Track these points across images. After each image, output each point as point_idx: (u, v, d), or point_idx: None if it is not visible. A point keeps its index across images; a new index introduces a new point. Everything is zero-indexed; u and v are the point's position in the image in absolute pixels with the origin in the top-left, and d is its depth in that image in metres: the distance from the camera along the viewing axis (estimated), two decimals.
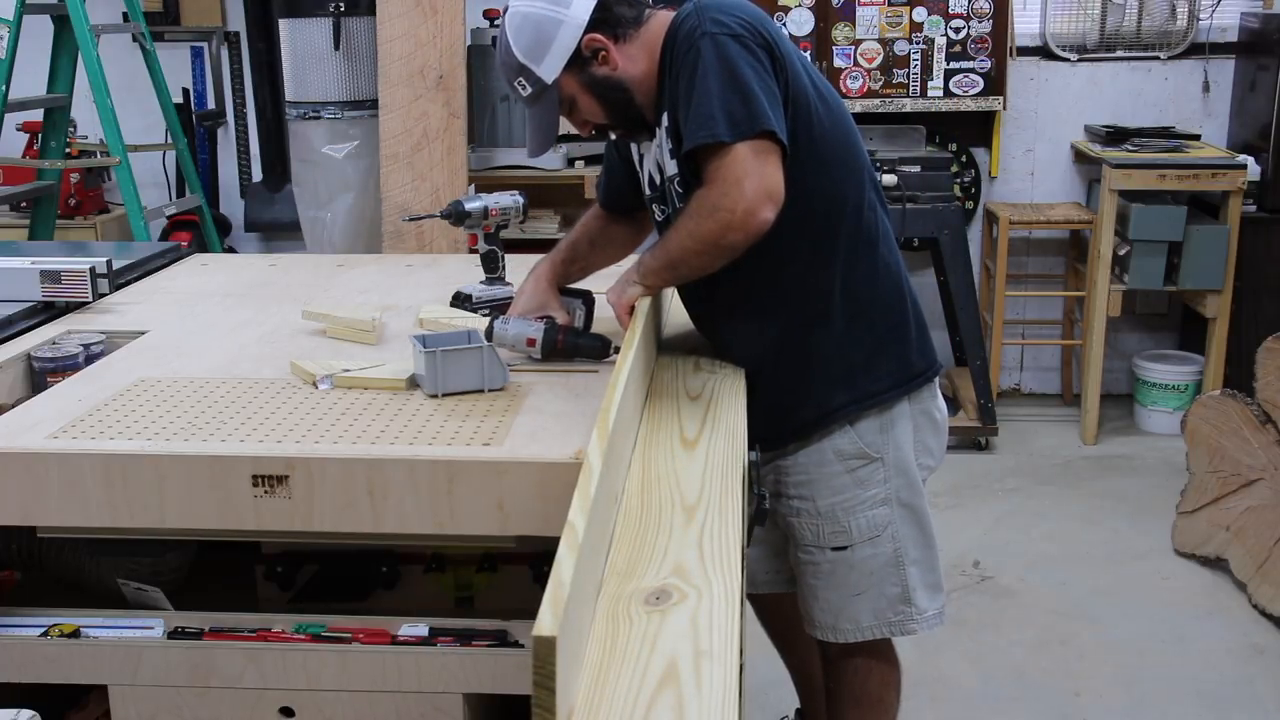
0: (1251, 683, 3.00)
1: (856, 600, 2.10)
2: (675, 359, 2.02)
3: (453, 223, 2.28)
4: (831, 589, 2.11)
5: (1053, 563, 3.62)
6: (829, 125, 1.93)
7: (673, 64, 1.85)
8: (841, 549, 2.08)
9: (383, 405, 1.75)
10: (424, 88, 3.91)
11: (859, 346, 2.01)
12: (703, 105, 1.78)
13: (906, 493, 2.07)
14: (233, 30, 5.01)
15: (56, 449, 1.59)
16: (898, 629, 2.13)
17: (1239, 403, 3.43)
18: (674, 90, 1.85)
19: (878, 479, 2.05)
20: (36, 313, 2.24)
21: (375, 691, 1.66)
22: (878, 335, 2.02)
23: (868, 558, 2.07)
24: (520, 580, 1.86)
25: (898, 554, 2.08)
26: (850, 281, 1.98)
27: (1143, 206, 4.31)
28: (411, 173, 3.94)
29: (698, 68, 1.79)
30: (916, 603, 2.11)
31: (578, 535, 1.13)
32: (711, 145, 1.77)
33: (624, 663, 1.10)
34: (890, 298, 2.04)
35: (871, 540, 2.07)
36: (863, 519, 2.06)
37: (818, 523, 2.08)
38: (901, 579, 2.10)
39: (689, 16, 1.84)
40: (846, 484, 2.05)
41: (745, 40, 1.80)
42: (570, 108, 1.95)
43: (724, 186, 1.77)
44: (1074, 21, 4.76)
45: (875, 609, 2.11)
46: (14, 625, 1.73)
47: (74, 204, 4.80)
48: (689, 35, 1.81)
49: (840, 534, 2.07)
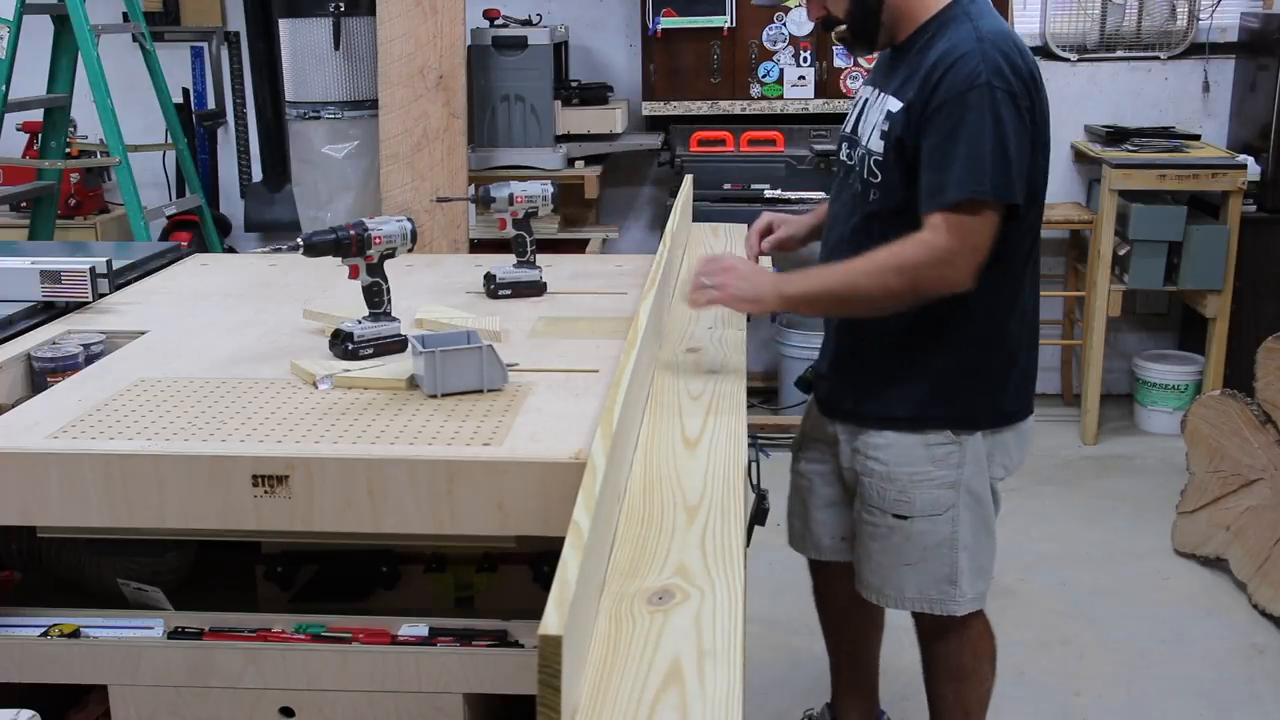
0: (1251, 683, 3.00)
1: (905, 570, 2.16)
2: (677, 359, 2.02)
3: (480, 208, 2.36)
4: (885, 553, 2.17)
5: (1053, 563, 3.62)
6: (1044, 174, 2.04)
7: (936, 81, 1.90)
8: (902, 518, 2.13)
9: (383, 405, 1.75)
10: (424, 88, 3.91)
11: (975, 374, 2.08)
12: (971, 159, 1.85)
13: (975, 481, 2.12)
14: (233, 30, 5.01)
15: (56, 449, 1.59)
16: (939, 607, 2.18)
17: (1239, 403, 3.43)
18: (924, 106, 1.90)
19: (951, 461, 2.10)
20: (36, 313, 2.24)
21: (375, 691, 1.66)
22: (995, 367, 2.10)
23: (924, 532, 2.13)
24: (520, 580, 1.86)
25: (954, 536, 2.13)
26: (998, 313, 2.07)
27: (1143, 206, 4.31)
28: (411, 173, 3.94)
29: (967, 117, 1.86)
30: (961, 585, 2.16)
31: (583, 535, 1.13)
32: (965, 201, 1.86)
33: (627, 662, 1.10)
34: (1023, 336, 2.13)
35: (932, 517, 2.12)
36: (928, 495, 2.11)
37: (886, 486, 2.13)
38: (952, 560, 2.14)
39: (971, 52, 1.89)
40: (921, 458, 2.10)
41: (1019, 101, 1.88)
42: None
43: (954, 252, 1.87)
44: (1074, 21, 4.76)
45: (920, 583, 2.16)
46: (14, 625, 1.73)
47: (74, 204, 4.80)
48: (969, 76, 1.87)
49: (904, 503, 2.12)
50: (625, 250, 4.64)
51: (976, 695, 2.34)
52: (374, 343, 1.96)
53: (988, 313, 2.05)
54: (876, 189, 2.04)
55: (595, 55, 4.87)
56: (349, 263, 1.97)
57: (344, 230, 1.93)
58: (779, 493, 2.36)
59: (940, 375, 2.08)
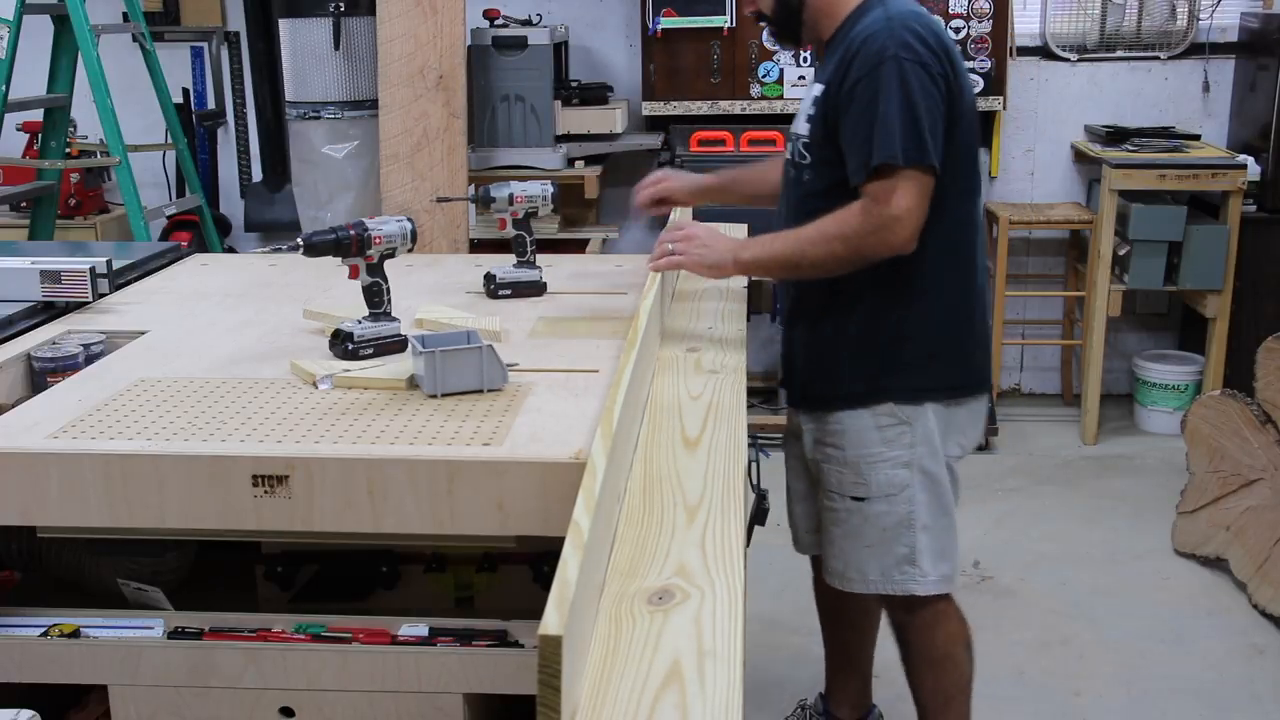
0: (1251, 683, 3.00)
1: (867, 553, 2.22)
2: (677, 359, 2.02)
3: (480, 207, 2.37)
4: (846, 537, 2.24)
5: (1053, 563, 3.62)
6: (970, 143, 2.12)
7: (849, 60, 2.02)
8: (860, 500, 2.20)
9: (383, 405, 1.75)
10: (424, 88, 3.91)
11: (926, 344, 2.16)
12: (884, 127, 1.96)
13: (929, 461, 2.18)
14: (233, 30, 5.01)
15: (56, 449, 1.59)
16: (900, 588, 2.22)
17: (1239, 403, 3.43)
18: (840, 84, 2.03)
19: (904, 442, 2.16)
20: (36, 313, 2.24)
21: (375, 691, 1.66)
22: (944, 338, 2.17)
23: (882, 513, 2.19)
24: (520, 580, 1.86)
25: (910, 516, 2.18)
26: (939, 285, 2.14)
27: (1143, 206, 4.31)
28: (411, 173, 3.94)
29: (880, 89, 1.97)
30: (921, 565, 2.21)
31: (583, 535, 1.13)
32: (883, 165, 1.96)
33: (627, 662, 1.10)
34: (967, 309, 2.19)
35: (888, 498, 2.18)
36: (883, 476, 2.17)
37: (843, 471, 2.21)
38: (911, 541, 2.19)
39: (879, 31, 2.01)
40: (874, 440, 2.17)
41: (929, 69, 1.99)
42: None
43: (889, 216, 1.97)
44: (1074, 21, 4.76)
45: (882, 565, 2.21)
46: (14, 625, 1.73)
47: (74, 204, 4.79)
48: (877, 52, 1.98)
49: (860, 485, 2.19)
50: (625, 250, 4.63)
51: (954, 681, 2.37)
52: (374, 343, 1.96)
53: (929, 288, 2.14)
54: (808, 170, 2.17)
55: (595, 55, 4.87)
56: (349, 263, 1.96)
57: (344, 230, 1.93)
58: (779, 493, 2.37)
59: (889, 350, 2.16)
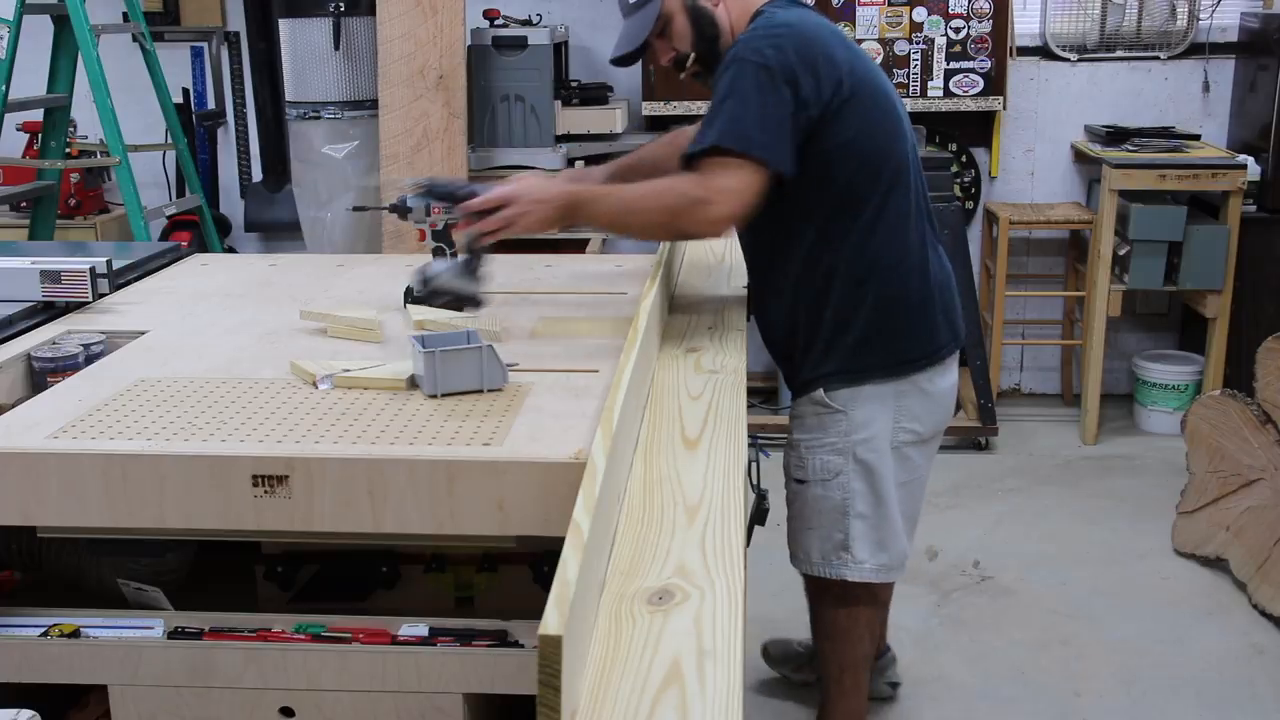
0: (1251, 683, 3.00)
1: (808, 534, 2.34)
2: (676, 359, 2.02)
3: (399, 217, 2.28)
4: (793, 518, 2.37)
5: (1053, 563, 3.62)
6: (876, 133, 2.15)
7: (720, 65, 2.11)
8: (801, 482, 2.32)
9: (383, 405, 1.75)
10: (424, 88, 3.91)
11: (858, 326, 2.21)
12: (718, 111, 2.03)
13: (864, 450, 2.25)
14: (233, 30, 5.01)
15: (56, 449, 1.59)
16: (834, 571, 2.33)
17: (1239, 403, 3.43)
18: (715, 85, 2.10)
19: (839, 429, 2.25)
20: (36, 313, 2.24)
21: (375, 691, 1.65)
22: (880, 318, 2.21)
23: (819, 497, 2.30)
24: (520, 580, 1.86)
25: (845, 503, 2.28)
26: (854, 267, 2.18)
27: (1143, 206, 4.31)
28: (411, 173, 3.93)
29: (728, 85, 2.04)
30: (854, 552, 2.30)
31: (583, 535, 1.13)
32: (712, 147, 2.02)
33: (627, 662, 1.10)
34: (902, 281, 2.21)
35: (823, 482, 2.28)
36: (818, 459, 2.28)
37: (790, 453, 2.34)
38: (845, 528, 2.29)
39: (743, 38, 2.11)
40: (813, 425, 2.29)
41: (772, 72, 2.03)
42: (664, 27, 2.22)
43: (711, 189, 2.02)
44: (1074, 21, 4.76)
45: (821, 548, 2.33)
46: (14, 625, 1.73)
47: (74, 204, 4.79)
48: (733, 55, 2.07)
49: (800, 468, 2.31)
50: (625, 250, 4.63)
51: (850, 655, 2.49)
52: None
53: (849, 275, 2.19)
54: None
55: (595, 55, 4.87)
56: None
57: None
58: (779, 493, 2.37)
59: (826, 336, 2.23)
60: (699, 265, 2.71)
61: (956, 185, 4.75)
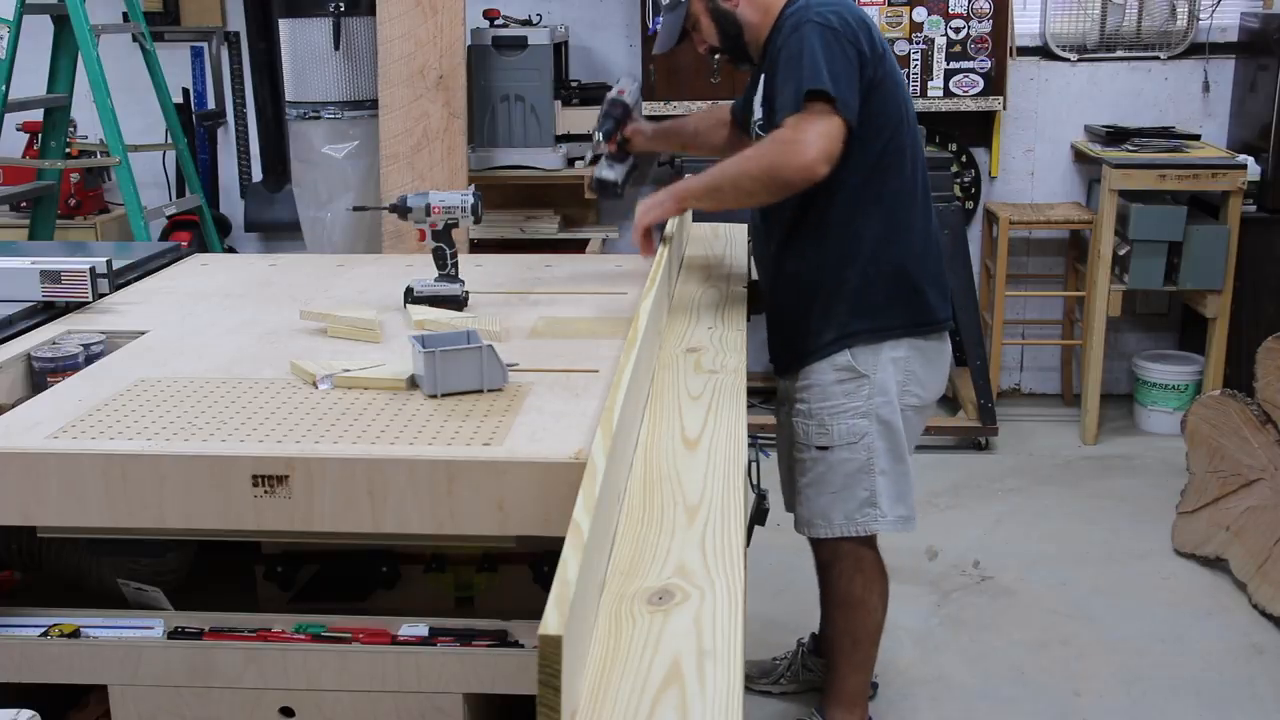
0: (1251, 683, 3.00)
1: (832, 499, 2.42)
2: (676, 359, 2.02)
3: (399, 217, 2.31)
4: (812, 485, 2.44)
5: (1053, 563, 3.62)
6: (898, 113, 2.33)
7: (780, 40, 2.27)
8: (824, 449, 2.40)
9: (383, 405, 1.75)
10: (424, 88, 3.91)
11: (881, 287, 2.36)
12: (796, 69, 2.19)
13: (885, 410, 2.38)
14: (233, 30, 5.01)
15: (56, 449, 1.59)
16: (863, 528, 2.43)
17: (1239, 403, 3.43)
18: (774, 60, 2.28)
19: (862, 394, 2.37)
20: (36, 313, 2.24)
21: (375, 691, 1.66)
22: (899, 281, 2.37)
23: (844, 460, 2.39)
24: (520, 580, 1.86)
25: (870, 462, 2.39)
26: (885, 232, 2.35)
27: (1143, 206, 4.31)
28: (411, 173, 3.94)
29: (799, 45, 2.21)
30: (881, 506, 2.41)
31: (583, 535, 1.13)
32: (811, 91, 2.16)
33: (627, 662, 1.10)
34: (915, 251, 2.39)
35: (849, 445, 2.38)
36: (844, 425, 2.38)
37: (809, 423, 2.42)
38: (871, 485, 2.40)
39: (795, 12, 2.28)
40: (836, 393, 2.39)
41: (839, 34, 2.22)
42: (694, 25, 2.45)
43: (798, 133, 2.16)
44: (1074, 21, 4.76)
45: (846, 510, 2.41)
46: (14, 625, 1.73)
47: (74, 204, 4.79)
48: (796, 23, 2.25)
49: (824, 435, 2.40)
50: (625, 250, 4.63)
51: (864, 625, 2.53)
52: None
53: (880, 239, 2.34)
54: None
55: (595, 55, 4.87)
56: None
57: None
58: (779, 493, 2.37)
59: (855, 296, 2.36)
60: (699, 265, 2.71)
61: (956, 185, 4.75)
